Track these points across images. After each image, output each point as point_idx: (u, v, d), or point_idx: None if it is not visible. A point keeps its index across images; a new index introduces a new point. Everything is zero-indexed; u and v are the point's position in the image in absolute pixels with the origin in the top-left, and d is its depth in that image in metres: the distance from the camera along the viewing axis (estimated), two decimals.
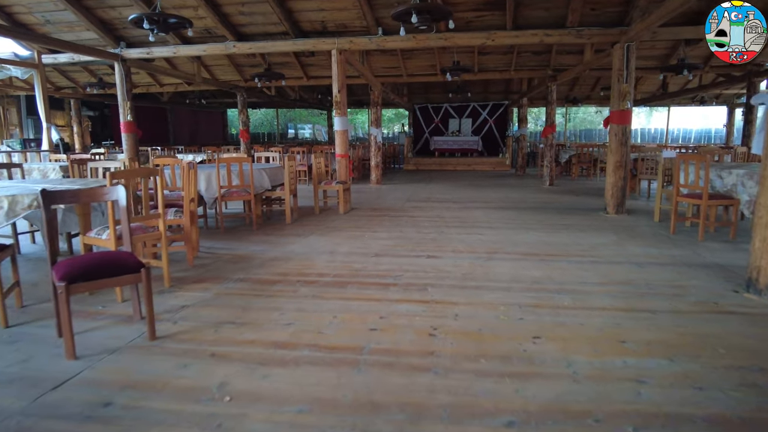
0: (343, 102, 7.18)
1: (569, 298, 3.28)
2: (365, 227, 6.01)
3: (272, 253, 4.71)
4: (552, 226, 5.97)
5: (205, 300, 3.37)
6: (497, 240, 5.15)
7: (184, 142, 18.60)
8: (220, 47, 7.65)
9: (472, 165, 15.95)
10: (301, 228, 5.98)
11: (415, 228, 5.88)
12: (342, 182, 7.18)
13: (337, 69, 7.09)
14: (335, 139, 7.44)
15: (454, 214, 6.85)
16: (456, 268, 4.06)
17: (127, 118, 8.17)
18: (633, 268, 4.03)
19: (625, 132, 6.49)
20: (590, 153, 12.21)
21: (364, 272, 3.98)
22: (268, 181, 6.32)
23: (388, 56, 10.21)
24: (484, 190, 9.85)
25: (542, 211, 7.12)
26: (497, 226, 5.98)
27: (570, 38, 6.50)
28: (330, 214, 6.99)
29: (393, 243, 5.07)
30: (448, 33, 6.86)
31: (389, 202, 8.23)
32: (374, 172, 11.29)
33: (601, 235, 5.37)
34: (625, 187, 6.68)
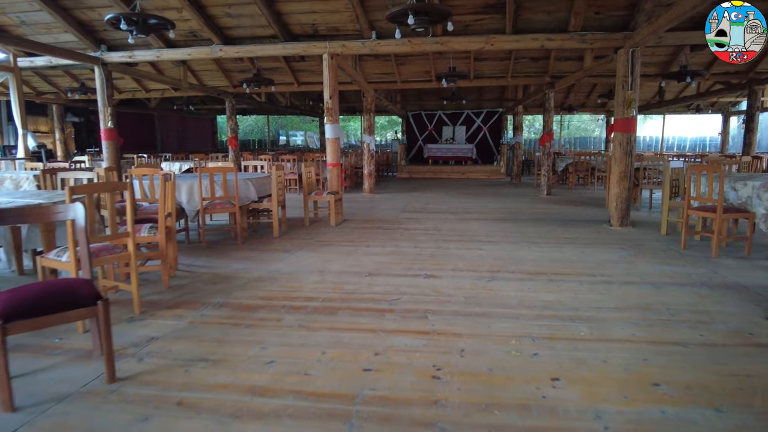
0: (334, 109, 6.85)
1: (586, 327, 2.94)
2: (358, 241, 5.65)
3: (256, 271, 4.34)
4: (555, 240, 5.65)
5: (178, 330, 2.99)
6: (499, 256, 4.82)
7: (173, 150, 18.17)
8: (206, 51, 7.30)
9: (467, 173, 15.67)
10: (290, 242, 5.61)
11: (411, 242, 5.54)
12: (333, 193, 6.83)
13: (328, 74, 6.75)
14: (326, 147, 7.09)
15: (451, 227, 6.51)
16: (458, 290, 3.71)
17: (108, 125, 7.77)
18: (649, 290, 3.70)
19: (630, 141, 6.21)
20: (587, 161, 11.96)
21: (357, 295, 3.61)
22: (255, 192, 5.96)
23: (381, 62, 9.90)
24: (481, 200, 9.54)
25: (543, 223, 6.80)
26: (497, 240, 5.65)
27: (573, 43, 6.23)
28: (321, 227, 6.62)
29: (388, 259, 4.72)
30: (444, 37, 6.56)
31: (383, 213, 7.88)
32: (367, 181, 10.95)
33: (609, 251, 5.06)
34: (629, 199, 6.39)
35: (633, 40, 5.87)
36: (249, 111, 18.91)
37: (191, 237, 5.88)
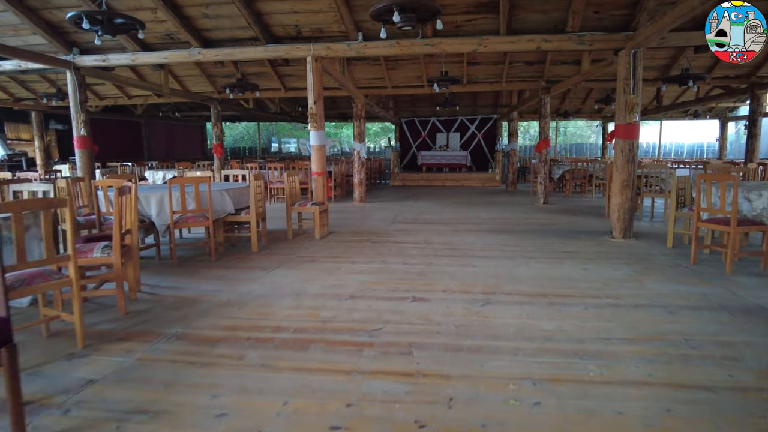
0: (319, 114, 6.45)
1: (595, 365, 2.53)
2: (343, 256, 5.24)
3: (226, 294, 3.91)
4: (554, 254, 5.26)
5: (123, 370, 2.56)
6: (494, 273, 4.41)
7: (161, 158, 17.72)
8: (184, 54, 6.90)
9: (461, 181, 15.30)
10: (268, 259, 5.19)
11: (399, 257, 5.13)
12: (318, 203, 6.41)
13: (312, 78, 6.37)
14: (311, 155, 6.69)
15: (443, 240, 6.11)
16: (448, 316, 3.29)
17: (81, 133, 7.34)
18: (662, 315, 3.30)
19: (633, 147, 5.85)
20: (585, 168, 11.62)
21: (334, 324, 3.19)
22: (231, 203, 5.54)
23: (371, 66, 9.54)
24: (475, 209, 9.15)
25: (540, 234, 6.41)
26: (493, 254, 5.25)
27: (570, 44, 5.87)
28: (304, 240, 6.20)
29: (373, 279, 4.30)
30: (435, 38, 6.19)
31: (372, 224, 7.48)
32: (357, 190, 10.55)
33: (613, 267, 4.67)
34: (632, 209, 6.01)
35: (635, 40, 5.52)
36: (239, 118, 18.50)
37: (163, 253, 5.45)
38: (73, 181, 5.59)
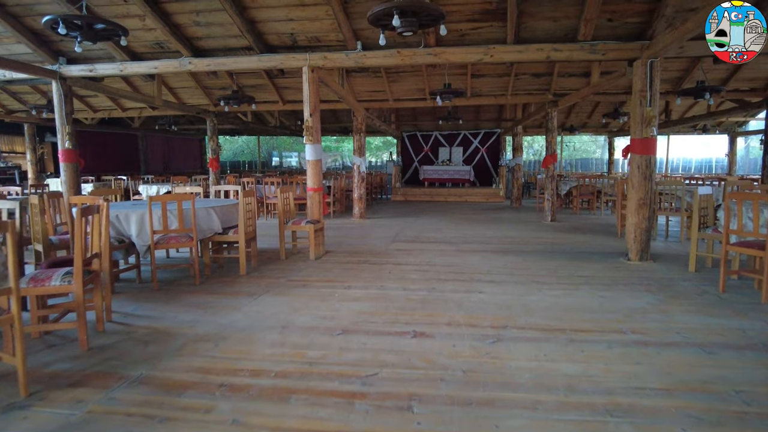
0: (315, 128, 6.09)
1: (630, 426, 2.10)
2: (338, 280, 4.82)
3: (204, 325, 3.50)
4: (568, 278, 4.84)
5: (66, 428, 2.14)
6: (504, 303, 3.99)
7: (158, 171, 17.43)
8: (174, 64, 6.57)
9: (464, 196, 14.91)
10: (256, 283, 4.78)
11: (399, 282, 4.71)
12: (313, 221, 6.02)
13: (308, 89, 6.02)
14: (307, 170, 6.32)
15: (447, 261, 5.69)
16: (454, 357, 2.87)
17: (66, 146, 6.99)
18: (699, 356, 2.87)
19: (650, 163, 5.45)
20: (592, 184, 11.22)
21: (322, 367, 2.77)
22: (219, 222, 5.15)
23: (371, 78, 9.22)
24: (480, 227, 8.74)
25: (551, 256, 5.99)
26: (501, 279, 4.83)
27: (582, 54, 5.52)
28: (298, 261, 5.79)
29: (370, 308, 3.88)
30: (438, 48, 5.85)
31: (371, 243, 7.07)
32: (357, 206, 10.16)
33: (634, 294, 4.24)
34: (650, 229, 5.60)
35: (652, 49, 5.16)
36: (238, 132, 18.23)
37: (145, 274, 5.05)
38: (49, 197, 5.21)
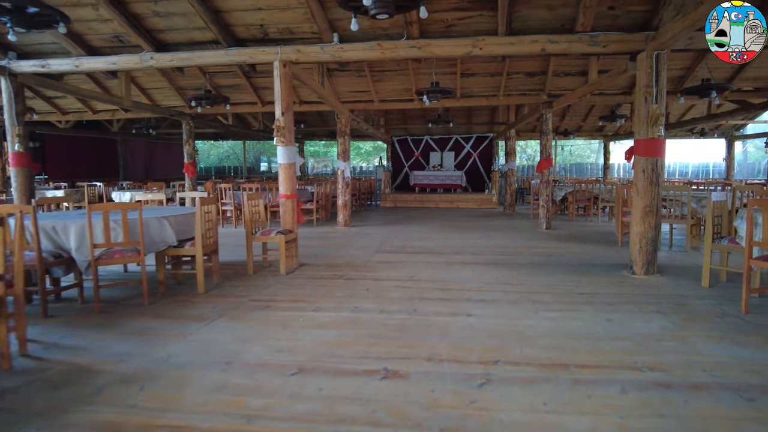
0: (288, 128, 5.52)
1: None
2: (307, 300, 4.23)
3: (136, 361, 2.90)
4: (567, 296, 4.28)
5: None
6: (495, 329, 3.42)
7: (139, 177, 16.75)
8: (135, 59, 5.98)
9: (456, 202, 14.37)
10: (214, 303, 4.18)
11: (377, 302, 4.13)
12: (285, 232, 5.43)
13: (280, 86, 5.45)
14: (279, 174, 5.73)
15: (433, 275, 5.12)
16: (432, 409, 2.29)
17: (16, 149, 6.36)
18: (737, 404, 2.31)
19: (657, 167, 4.93)
20: (589, 190, 10.71)
21: (262, 423, 2.18)
22: (173, 233, 4.55)
23: (355, 77, 8.67)
24: (471, 235, 8.18)
25: (547, 269, 5.44)
26: (492, 296, 4.27)
27: (581, 46, 5.00)
28: (266, 276, 5.20)
29: (337, 337, 3.30)
30: (422, 40, 5.30)
31: (352, 254, 6.48)
32: (342, 213, 9.58)
33: (644, 316, 3.69)
34: (657, 239, 5.07)
35: (658, 40, 4.65)
36: (222, 136, 17.60)
37: (89, 294, 4.43)
38: None
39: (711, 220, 4.51)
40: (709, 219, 4.50)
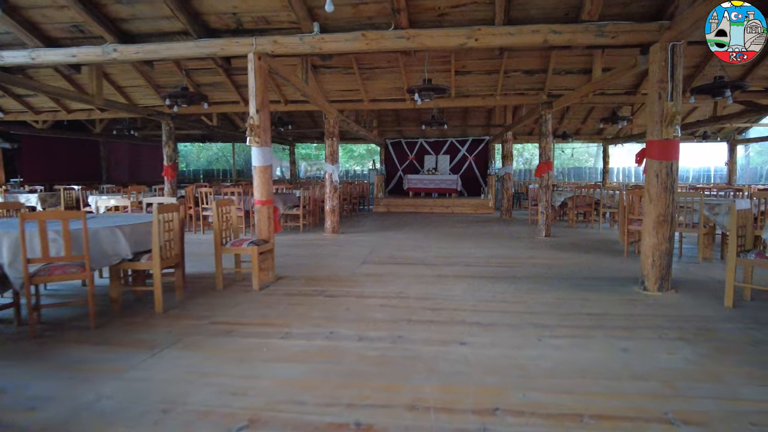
0: (263, 127, 4.98)
1: None
2: (277, 323, 3.70)
3: (56, 406, 2.36)
4: (574, 318, 3.76)
5: None
6: (494, 363, 2.89)
7: (123, 180, 16.15)
8: (97, 52, 5.44)
9: (451, 207, 13.86)
10: (170, 326, 3.63)
11: (357, 325, 3.60)
12: (259, 242, 4.89)
13: (254, 80, 4.93)
14: (253, 178, 5.19)
15: (423, 291, 4.59)
16: None
17: None
18: None
19: (672, 171, 4.42)
20: (589, 195, 10.21)
21: None
22: (127, 245, 4.00)
23: (343, 75, 8.15)
24: (467, 243, 7.66)
25: (549, 283, 4.93)
26: (489, 319, 3.74)
27: (587, 36, 4.50)
28: (237, 292, 4.66)
29: (304, 373, 2.76)
30: (412, 30, 4.79)
31: (337, 265, 5.95)
32: (329, 219, 9.04)
33: (666, 345, 3.17)
34: (671, 251, 4.56)
35: (674, 30, 4.16)
36: (209, 138, 17.04)
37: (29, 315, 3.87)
38: None
39: (735, 231, 4.00)
40: (733, 230, 4.00)
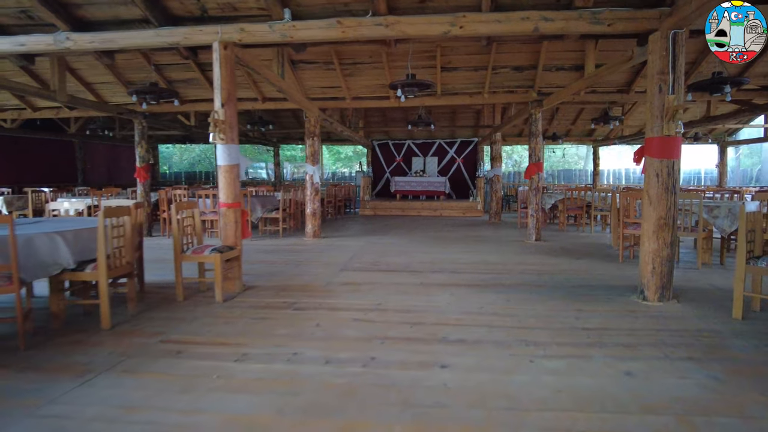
0: (228, 123, 4.55)
1: None
2: (235, 342, 3.26)
3: None
4: (569, 333, 3.37)
5: None
6: (479, 392, 2.48)
7: (100, 182, 15.56)
8: (48, 40, 4.97)
9: (439, 210, 13.49)
10: (112, 345, 3.18)
11: (325, 345, 3.17)
12: (223, 249, 4.45)
13: (220, 71, 4.50)
14: (218, 179, 4.75)
15: (404, 303, 4.18)
16: None
17: None
18: None
19: (673, 171, 4.06)
20: (581, 197, 9.88)
21: None
22: (69, 253, 3.54)
23: (323, 70, 7.72)
24: (453, 248, 7.28)
25: (540, 292, 4.54)
26: (475, 336, 3.34)
27: (581, 24, 4.13)
28: (198, 305, 4.21)
29: (255, 408, 2.33)
30: (391, 17, 4.39)
31: (314, 272, 5.52)
32: (310, 223, 8.61)
33: (675, 366, 2.79)
34: (673, 258, 4.19)
35: (676, 16, 3.81)
36: (190, 138, 16.50)
37: None
38: None
39: (744, 235, 3.65)
40: (741, 235, 3.64)
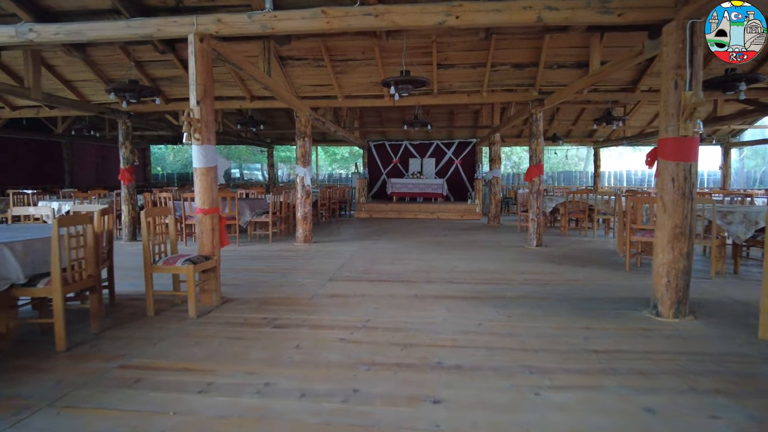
0: (205, 122, 4.18)
1: None
2: (200, 368, 2.88)
3: None
4: (577, 358, 3.00)
5: None
6: None
7: (88, 184, 15.15)
8: (10, 32, 4.57)
9: (436, 213, 13.13)
10: (62, 372, 2.80)
11: (303, 372, 2.80)
12: (198, 259, 4.07)
13: (195, 66, 4.13)
14: (194, 182, 4.38)
15: (395, 319, 3.81)
16: None
17: None
18: None
19: (690, 174, 3.71)
20: (583, 201, 9.53)
21: None
22: (18, 266, 3.17)
23: (313, 68, 7.35)
24: (451, 254, 6.91)
25: (544, 307, 4.18)
26: (473, 360, 2.97)
27: (589, 14, 3.78)
28: (170, 320, 3.83)
29: None
30: (380, 6, 4.03)
31: (300, 282, 5.15)
32: (301, 227, 8.24)
33: (703, 403, 2.43)
34: (690, 270, 3.83)
35: (692, 5, 3.47)
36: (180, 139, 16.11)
37: None
38: None
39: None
40: (767, 242, 3.28)
